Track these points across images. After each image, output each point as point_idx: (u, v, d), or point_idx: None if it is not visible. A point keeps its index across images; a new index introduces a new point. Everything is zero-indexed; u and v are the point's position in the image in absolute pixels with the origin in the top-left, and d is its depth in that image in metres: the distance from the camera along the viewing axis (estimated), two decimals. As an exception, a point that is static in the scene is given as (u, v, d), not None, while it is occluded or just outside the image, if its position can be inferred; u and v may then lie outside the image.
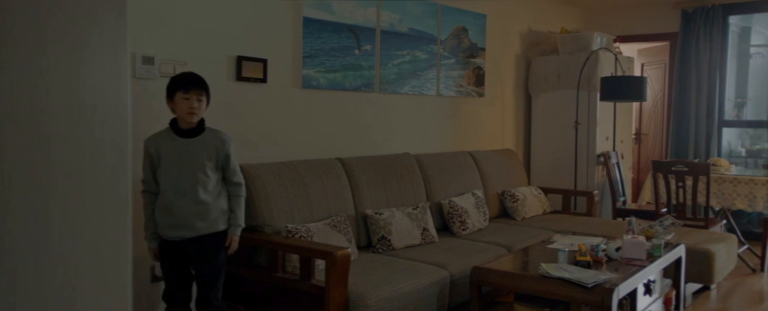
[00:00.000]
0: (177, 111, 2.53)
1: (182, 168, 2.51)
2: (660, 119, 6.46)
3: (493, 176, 4.53)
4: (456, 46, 4.69)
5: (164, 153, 2.52)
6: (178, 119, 2.55)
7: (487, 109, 5.10)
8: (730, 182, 4.52)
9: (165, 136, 2.55)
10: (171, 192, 2.51)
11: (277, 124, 3.51)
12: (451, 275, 3.08)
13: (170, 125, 2.57)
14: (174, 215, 2.52)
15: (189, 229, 2.53)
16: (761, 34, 7.60)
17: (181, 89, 2.50)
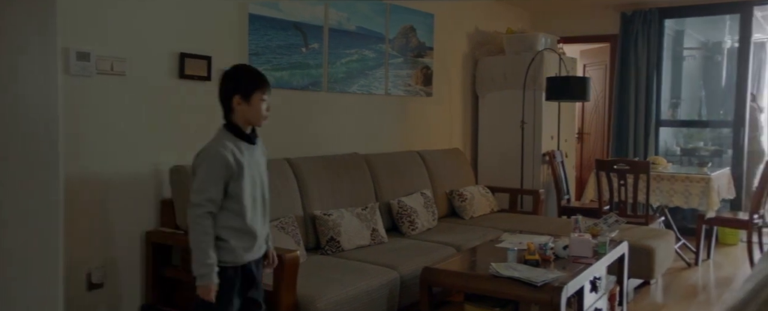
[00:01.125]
0: (248, 113, 2.15)
1: (255, 179, 2.20)
2: (601, 118, 6.63)
3: (441, 175, 4.53)
4: (404, 46, 4.67)
5: (245, 164, 2.14)
6: (244, 123, 2.18)
7: (435, 108, 5.11)
8: (668, 179, 4.67)
9: (234, 143, 2.14)
10: (251, 209, 2.17)
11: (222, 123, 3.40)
12: (401, 276, 3.06)
13: (231, 130, 2.17)
14: (255, 235, 2.19)
15: (260, 248, 2.25)
16: (693, 38, 7.93)
17: (260, 88, 2.15)
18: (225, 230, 2.12)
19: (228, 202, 2.12)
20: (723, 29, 7.88)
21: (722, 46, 8.06)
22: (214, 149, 2.11)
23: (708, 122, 7.27)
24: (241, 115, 2.16)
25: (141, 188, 3.05)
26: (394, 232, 3.85)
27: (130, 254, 3.03)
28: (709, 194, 4.46)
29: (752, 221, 4.57)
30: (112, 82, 2.90)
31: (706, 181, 4.52)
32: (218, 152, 2.10)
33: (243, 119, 2.17)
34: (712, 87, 7.94)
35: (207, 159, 2.11)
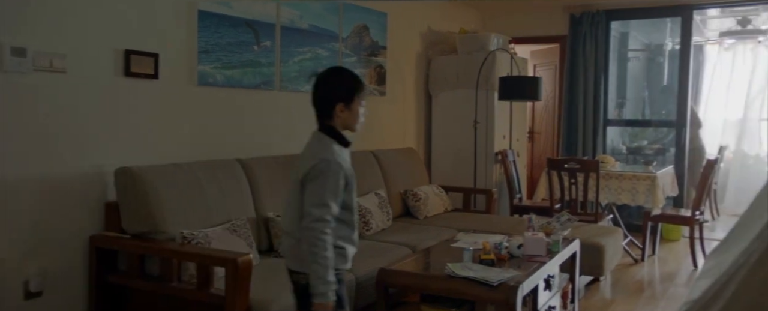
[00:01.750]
0: (350, 119, 2.07)
1: (356, 187, 2.11)
2: (551, 117, 6.75)
3: (395, 175, 4.52)
4: (358, 44, 4.64)
5: (352, 173, 2.06)
6: (343, 128, 2.10)
7: (388, 108, 5.09)
8: (616, 178, 4.79)
9: (340, 151, 2.05)
10: (357, 218, 2.10)
11: (170, 123, 3.29)
12: (356, 277, 3.02)
13: (333, 136, 2.07)
14: (356, 244, 2.11)
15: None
16: (637, 39, 8.17)
17: (361, 93, 2.06)
18: (340, 239, 2.04)
19: (342, 213, 2.03)
20: (664, 32, 8.16)
21: (664, 48, 8.34)
22: (330, 159, 1.99)
23: (652, 122, 7.50)
24: (341, 120, 2.08)
25: (84, 191, 2.91)
26: (349, 233, 3.80)
27: (73, 260, 2.89)
28: (655, 191, 4.59)
29: (694, 217, 4.73)
30: (52, 79, 2.76)
31: (652, 179, 4.65)
32: (337, 163, 2.00)
33: (342, 124, 2.10)
34: (655, 88, 8.20)
35: (326, 170, 1.98)
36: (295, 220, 2.05)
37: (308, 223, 1.96)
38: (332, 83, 2.10)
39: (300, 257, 2.02)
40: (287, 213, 2.12)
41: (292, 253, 2.09)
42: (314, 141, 2.09)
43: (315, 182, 1.98)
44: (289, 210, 2.09)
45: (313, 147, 2.07)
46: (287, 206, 2.13)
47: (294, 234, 2.06)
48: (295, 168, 2.10)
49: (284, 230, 2.17)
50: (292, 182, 2.10)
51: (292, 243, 2.08)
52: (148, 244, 2.77)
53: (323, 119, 2.10)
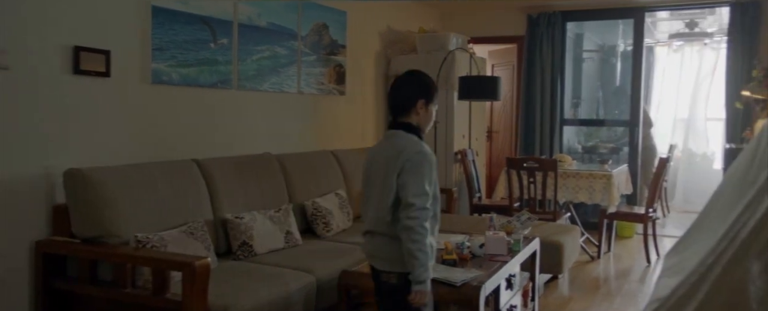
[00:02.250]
0: (425, 118, 2.14)
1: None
2: (509, 117, 6.82)
3: (355, 175, 4.47)
4: (317, 43, 4.58)
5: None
6: (422, 128, 2.15)
7: (348, 107, 5.05)
8: (573, 176, 4.86)
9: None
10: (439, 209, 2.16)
11: (123, 122, 3.18)
12: (317, 279, 2.98)
13: (415, 133, 2.12)
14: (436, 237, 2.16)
15: None
16: (591, 41, 8.34)
17: (436, 96, 2.18)
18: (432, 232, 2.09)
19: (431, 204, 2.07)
20: (617, 33, 8.35)
21: (616, 50, 8.53)
22: (426, 152, 2.05)
23: (606, 122, 7.66)
24: (418, 118, 2.14)
25: (30, 194, 2.77)
26: (309, 234, 3.75)
27: (17, 266, 2.75)
28: (611, 190, 4.68)
29: (648, 214, 4.84)
30: (-5, 77, 2.62)
31: (608, 178, 4.74)
32: (431, 153, 2.06)
33: (425, 124, 2.17)
34: (608, 88, 8.39)
35: (423, 161, 2.02)
36: (383, 220, 2.06)
37: (411, 213, 1.97)
38: (416, 82, 2.17)
39: (390, 257, 2.06)
40: (374, 214, 2.12)
41: (382, 253, 2.11)
42: (397, 139, 2.11)
43: (413, 174, 2.00)
44: (376, 211, 2.09)
45: (398, 144, 2.08)
46: (371, 207, 2.13)
47: (384, 233, 2.08)
48: (378, 169, 2.11)
49: (370, 231, 2.17)
50: (378, 183, 2.09)
51: (381, 242, 2.10)
52: (100, 249, 2.66)
53: (400, 117, 2.15)
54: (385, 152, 2.11)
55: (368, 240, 2.19)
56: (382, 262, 2.12)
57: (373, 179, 2.14)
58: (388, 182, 2.04)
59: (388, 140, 2.14)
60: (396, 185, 2.02)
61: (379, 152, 2.16)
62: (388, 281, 2.10)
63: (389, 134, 2.15)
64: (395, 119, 2.16)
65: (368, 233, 2.19)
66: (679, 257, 1.59)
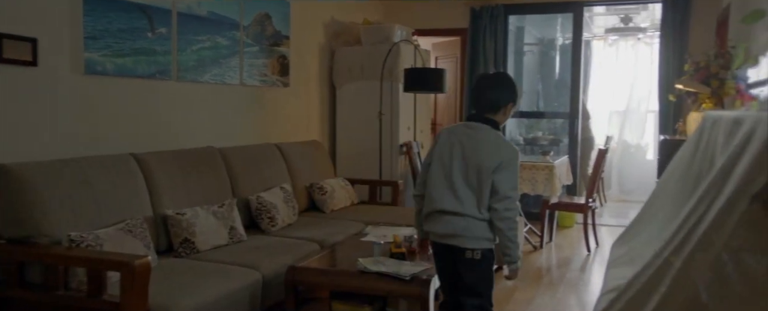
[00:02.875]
0: (506, 117, 2.39)
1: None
2: (453, 109, 6.87)
3: (300, 168, 4.41)
4: (259, 34, 4.46)
5: None
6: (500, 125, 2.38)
7: (292, 99, 4.96)
8: (517, 168, 4.92)
9: None
10: None
11: (53, 115, 3.00)
12: (263, 276, 2.91)
13: (498, 128, 2.36)
14: None
15: None
16: (531, 34, 8.50)
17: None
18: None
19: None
20: (555, 27, 8.55)
21: (555, 43, 8.73)
22: (517, 150, 2.33)
23: (547, 113, 7.81)
24: (502, 117, 2.37)
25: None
26: (254, 229, 3.66)
27: (-61, 269, 2.56)
28: (553, 181, 4.78)
29: (588, 204, 4.97)
30: None
31: (550, 169, 4.84)
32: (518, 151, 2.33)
33: (500, 120, 2.37)
34: (548, 81, 8.58)
35: (516, 159, 2.29)
36: (475, 203, 2.27)
37: (510, 205, 2.25)
38: (510, 86, 2.38)
39: (477, 236, 2.29)
40: (461, 197, 2.29)
41: (470, 233, 2.30)
42: (491, 134, 2.32)
43: (509, 170, 2.26)
44: (464, 195, 2.28)
45: (493, 140, 2.31)
46: (455, 191, 2.30)
47: (475, 216, 2.28)
48: (472, 154, 2.29)
49: (455, 212, 2.30)
50: (469, 169, 2.28)
51: (471, 224, 2.29)
52: (29, 249, 2.51)
53: (488, 113, 2.35)
54: (479, 143, 2.29)
55: (448, 220, 2.32)
56: (470, 241, 2.30)
57: (459, 164, 2.30)
58: (485, 174, 2.25)
59: (477, 132, 2.33)
60: (493, 178, 2.24)
61: (466, 140, 2.32)
62: (473, 257, 2.31)
63: (477, 125, 2.33)
64: (481, 114, 2.35)
65: (449, 213, 2.31)
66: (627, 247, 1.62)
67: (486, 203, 2.25)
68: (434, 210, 2.33)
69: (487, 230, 2.28)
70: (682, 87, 4.40)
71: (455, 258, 2.33)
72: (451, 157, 2.31)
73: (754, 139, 0.82)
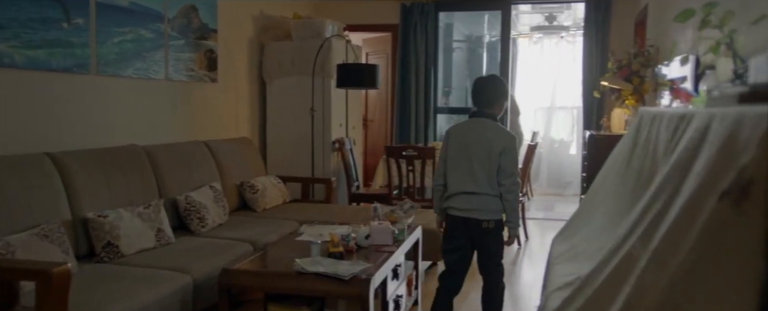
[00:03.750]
0: (500, 112, 2.89)
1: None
2: (384, 105, 6.85)
3: (230, 166, 4.26)
4: (186, 26, 4.27)
5: None
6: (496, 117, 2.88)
7: (220, 95, 4.78)
8: (449, 164, 4.96)
9: None
10: None
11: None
12: (194, 279, 2.78)
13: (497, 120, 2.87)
14: None
15: None
16: (460, 31, 8.62)
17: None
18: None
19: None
20: (482, 24, 8.70)
21: (483, 40, 8.89)
22: (514, 136, 2.85)
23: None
24: (496, 111, 2.85)
25: None
26: (183, 231, 3.50)
27: None
28: (485, 176, 4.83)
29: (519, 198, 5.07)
30: None
31: (482, 164, 4.89)
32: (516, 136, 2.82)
33: (495, 115, 2.84)
34: (476, 77, 8.72)
35: (514, 142, 2.79)
36: (488, 182, 2.75)
37: (514, 180, 2.77)
38: (500, 85, 2.88)
39: (491, 209, 2.77)
40: (478, 179, 2.76)
41: (487, 207, 2.77)
42: (492, 125, 2.82)
43: (511, 154, 2.76)
44: (480, 177, 2.76)
45: (494, 129, 2.80)
46: (473, 175, 2.77)
47: (489, 193, 2.76)
48: (481, 143, 2.76)
49: (473, 192, 2.77)
50: (483, 157, 2.75)
51: (487, 200, 2.77)
52: (-70, 259, 2.28)
53: (486, 108, 2.84)
54: (485, 133, 2.77)
55: (468, 199, 2.79)
56: (486, 213, 2.78)
57: (472, 153, 2.77)
58: (493, 158, 2.73)
59: (481, 125, 2.81)
60: (499, 160, 2.73)
61: (474, 132, 2.80)
62: (488, 226, 2.78)
63: (479, 120, 2.82)
64: (481, 109, 2.84)
65: (469, 193, 2.79)
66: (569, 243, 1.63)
67: (495, 181, 2.75)
68: (457, 192, 2.81)
69: (499, 204, 2.77)
70: (606, 84, 4.55)
71: (473, 228, 2.79)
72: (466, 147, 2.78)
73: (711, 134, 0.82)
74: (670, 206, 0.87)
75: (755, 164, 0.62)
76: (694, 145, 0.90)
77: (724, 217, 0.65)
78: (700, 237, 0.68)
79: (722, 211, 0.66)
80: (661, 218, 0.88)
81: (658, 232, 0.84)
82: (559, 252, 1.65)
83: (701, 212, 0.70)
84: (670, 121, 1.25)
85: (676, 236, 0.74)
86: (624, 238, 1.02)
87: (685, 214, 0.76)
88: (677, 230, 0.76)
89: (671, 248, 0.74)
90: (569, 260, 1.52)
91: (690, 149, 0.92)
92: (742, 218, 0.62)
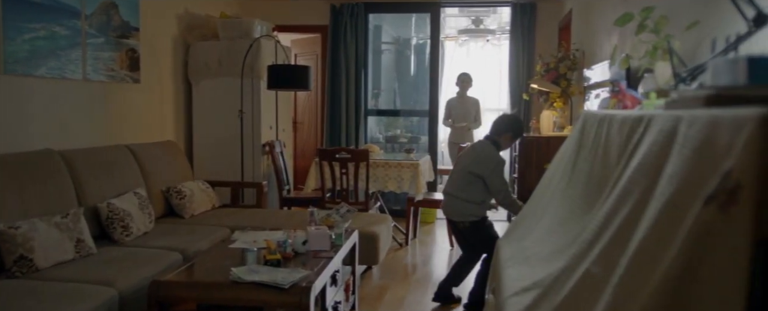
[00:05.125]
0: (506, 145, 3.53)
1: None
2: (313, 107, 6.75)
3: (155, 171, 4.06)
4: (105, 24, 4.03)
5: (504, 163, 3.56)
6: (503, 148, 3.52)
7: (144, 96, 4.55)
8: (383, 166, 4.93)
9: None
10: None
11: None
12: (119, 292, 2.61)
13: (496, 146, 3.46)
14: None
15: None
16: (388, 33, 8.63)
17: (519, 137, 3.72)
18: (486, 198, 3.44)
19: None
20: (410, 27, 8.75)
21: (410, 42, 8.94)
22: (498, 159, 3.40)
23: (408, 111, 7.95)
24: (503, 141, 3.46)
25: None
26: (105, 241, 3.30)
27: None
28: (418, 178, 4.84)
29: (450, 200, 5.10)
30: None
31: (415, 167, 4.90)
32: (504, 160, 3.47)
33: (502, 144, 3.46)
34: (404, 79, 8.76)
35: (498, 165, 3.37)
36: (461, 189, 3.40)
37: (503, 196, 3.37)
38: (510, 122, 3.48)
39: (461, 212, 3.41)
40: (457, 184, 3.44)
41: (456, 210, 3.44)
42: (484, 150, 3.41)
43: (492, 177, 3.33)
44: (459, 184, 3.42)
45: (483, 154, 3.40)
46: (453, 181, 3.49)
47: (460, 196, 3.40)
48: (466, 160, 3.45)
49: (451, 194, 3.47)
50: (462, 167, 3.42)
51: (459, 203, 3.41)
52: None
53: (493, 135, 3.45)
54: (474, 153, 3.43)
55: (448, 200, 3.50)
56: (459, 215, 3.43)
57: (459, 163, 3.48)
58: (467, 173, 3.39)
59: (479, 146, 3.47)
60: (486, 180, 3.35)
61: (470, 149, 3.52)
62: (464, 228, 3.44)
63: (482, 142, 3.48)
64: (491, 134, 3.46)
65: (448, 194, 3.49)
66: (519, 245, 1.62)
67: (475, 193, 3.35)
68: (444, 192, 3.53)
69: (471, 208, 3.35)
70: (536, 87, 4.65)
71: (454, 225, 3.50)
72: (460, 158, 3.54)
73: (680, 137, 0.81)
74: (642, 211, 0.86)
75: (741, 168, 0.61)
76: (660, 148, 0.90)
77: (710, 222, 0.64)
78: (686, 243, 0.66)
79: (708, 216, 0.65)
80: (633, 222, 0.87)
81: (634, 236, 0.83)
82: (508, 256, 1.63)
83: (683, 218, 0.69)
84: (622, 123, 1.26)
85: (657, 241, 0.73)
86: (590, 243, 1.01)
87: (663, 219, 0.74)
88: (657, 235, 0.75)
89: (651, 254, 0.73)
90: (520, 263, 1.51)
91: (655, 152, 0.92)
92: (730, 224, 0.61)
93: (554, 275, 1.13)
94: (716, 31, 1.64)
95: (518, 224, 1.86)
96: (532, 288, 1.25)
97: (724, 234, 0.62)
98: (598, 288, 0.87)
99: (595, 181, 1.41)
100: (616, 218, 0.97)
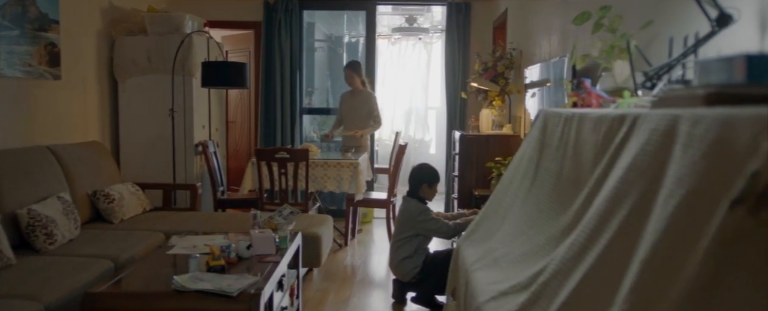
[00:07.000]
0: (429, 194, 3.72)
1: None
2: (247, 106, 6.56)
3: (80, 174, 3.80)
4: (20, 15, 3.74)
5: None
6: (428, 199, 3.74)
7: (65, 94, 4.26)
8: (322, 166, 4.83)
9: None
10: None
11: None
12: (45, 307, 2.40)
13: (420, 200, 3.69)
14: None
15: None
16: (321, 30, 8.52)
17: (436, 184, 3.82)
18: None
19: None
20: (343, 24, 8.67)
21: (343, 40, 8.86)
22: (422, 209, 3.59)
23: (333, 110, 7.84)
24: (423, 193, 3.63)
25: None
26: (26, 250, 3.04)
27: None
28: (358, 178, 4.77)
29: (390, 199, 5.08)
30: None
31: (355, 166, 4.82)
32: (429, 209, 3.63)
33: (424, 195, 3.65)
34: (336, 77, 8.67)
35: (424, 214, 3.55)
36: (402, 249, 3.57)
37: (440, 234, 3.55)
38: (419, 174, 3.68)
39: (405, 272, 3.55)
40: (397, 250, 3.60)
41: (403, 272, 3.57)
42: (411, 204, 3.61)
43: (428, 221, 3.52)
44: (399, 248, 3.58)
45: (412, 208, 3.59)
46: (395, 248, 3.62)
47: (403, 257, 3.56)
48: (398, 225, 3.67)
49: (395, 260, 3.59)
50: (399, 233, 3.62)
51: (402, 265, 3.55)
52: None
53: (414, 192, 3.65)
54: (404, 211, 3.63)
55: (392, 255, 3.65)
56: (406, 276, 3.56)
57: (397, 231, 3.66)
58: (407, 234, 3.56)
59: (406, 204, 3.65)
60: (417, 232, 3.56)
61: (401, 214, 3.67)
62: (414, 280, 3.55)
63: (407, 199, 3.66)
64: (413, 191, 3.66)
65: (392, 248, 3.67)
66: (484, 247, 1.59)
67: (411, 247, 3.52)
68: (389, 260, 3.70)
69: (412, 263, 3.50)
70: (476, 85, 4.68)
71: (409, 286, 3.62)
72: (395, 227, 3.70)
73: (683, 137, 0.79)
74: (645, 212, 0.83)
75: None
76: (656, 148, 0.88)
77: (740, 227, 0.62)
78: (712, 249, 0.64)
79: (737, 221, 0.62)
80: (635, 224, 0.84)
81: (641, 240, 0.80)
82: (474, 258, 1.60)
83: (703, 222, 0.67)
84: (597, 122, 1.25)
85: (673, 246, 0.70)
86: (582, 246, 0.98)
87: (678, 222, 0.72)
88: (672, 239, 0.72)
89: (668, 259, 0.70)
90: (489, 266, 1.47)
91: (651, 152, 0.90)
92: (762, 228, 0.59)
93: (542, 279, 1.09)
94: (673, 31, 1.67)
95: (479, 224, 1.83)
96: (511, 291, 1.21)
97: (757, 239, 0.59)
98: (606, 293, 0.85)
99: (566, 181, 1.40)
100: (613, 220, 0.94)
